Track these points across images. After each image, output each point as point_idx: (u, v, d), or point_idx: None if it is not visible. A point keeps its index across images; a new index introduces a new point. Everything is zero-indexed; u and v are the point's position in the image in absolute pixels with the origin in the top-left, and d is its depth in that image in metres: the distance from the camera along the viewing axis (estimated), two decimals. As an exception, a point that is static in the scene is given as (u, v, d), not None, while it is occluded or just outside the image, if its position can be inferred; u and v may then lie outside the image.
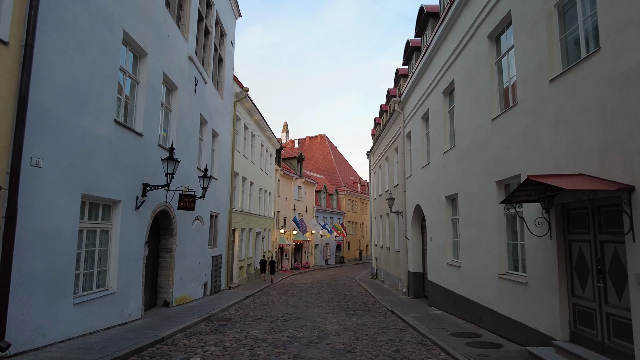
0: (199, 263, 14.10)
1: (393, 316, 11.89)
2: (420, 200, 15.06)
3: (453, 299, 11.30)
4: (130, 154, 8.80)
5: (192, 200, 10.89)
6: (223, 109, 17.60)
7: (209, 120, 15.31)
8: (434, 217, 13.36)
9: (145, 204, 9.52)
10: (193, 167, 13.31)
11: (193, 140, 13.31)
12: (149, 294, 10.80)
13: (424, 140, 14.98)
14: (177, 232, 11.83)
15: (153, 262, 11.17)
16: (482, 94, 9.30)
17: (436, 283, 12.98)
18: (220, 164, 17.10)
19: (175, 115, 11.72)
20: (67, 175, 6.55)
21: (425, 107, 14.37)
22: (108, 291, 8.02)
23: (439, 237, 12.75)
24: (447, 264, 11.91)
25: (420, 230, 16.39)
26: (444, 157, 12.07)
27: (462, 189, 10.52)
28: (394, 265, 20.32)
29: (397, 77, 20.62)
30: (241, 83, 20.01)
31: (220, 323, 9.87)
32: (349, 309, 12.87)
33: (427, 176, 14.08)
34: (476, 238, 9.58)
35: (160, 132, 10.88)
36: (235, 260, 20.20)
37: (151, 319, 9.61)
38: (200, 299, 14.17)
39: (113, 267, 8.26)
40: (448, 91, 12.19)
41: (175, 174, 10.10)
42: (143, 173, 9.42)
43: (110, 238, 8.28)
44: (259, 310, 12.35)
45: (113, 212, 8.38)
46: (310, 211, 40.81)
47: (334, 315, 11.38)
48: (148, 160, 9.68)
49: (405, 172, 17.58)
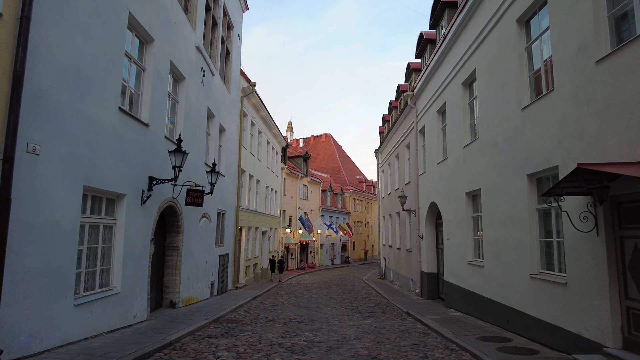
0: (205, 262, 13.56)
1: (410, 318, 11.31)
2: (435, 198, 14.47)
3: (474, 301, 10.71)
4: (136, 145, 8.26)
5: (200, 195, 10.33)
6: (230, 103, 17.07)
7: (216, 115, 14.77)
8: (451, 214, 12.77)
9: (151, 198, 8.97)
10: (200, 162, 12.77)
11: (200, 134, 12.77)
12: (154, 294, 10.26)
13: (440, 135, 14.39)
14: (184, 229, 11.29)
15: (159, 260, 10.63)
16: (510, 82, 8.71)
17: (454, 284, 12.38)
18: (228, 160, 16.56)
19: (183, 107, 11.18)
20: (67, 164, 6.00)
21: (441, 100, 13.78)
22: (112, 291, 7.47)
23: (458, 235, 12.15)
24: (467, 264, 11.31)
25: (434, 229, 15.79)
26: (464, 152, 11.48)
27: (486, 184, 9.93)
28: (404, 266, 19.72)
29: (409, 72, 20.03)
30: (248, 77, 19.47)
31: (231, 325, 9.31)
32: (363, 311, 12.29)
33: (443, 172, 13.49)
34: (503, 236, 8.98)
35: (167, 123, 10.34)
36: (241, 260, 19.65)
37: (157, 320, 9.07)
38: (207, 299, 13.63)
39: (117, 266, 7.71)
40: (468, 82, 11.60)
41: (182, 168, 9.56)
42: (149, 166, 8.88)
43: (114, 234, 7.74)
44: (270, 311, 11.78)
45: (117, 206, 7.83)
46: (315, 210, 40.24)
47: (349, 318, 10.80)
48: (154, 153, 9.14)
49: (418, 169, 16.98)
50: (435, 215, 15.53)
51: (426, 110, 15.75)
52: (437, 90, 14.09)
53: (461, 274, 11.82)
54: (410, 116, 18.22)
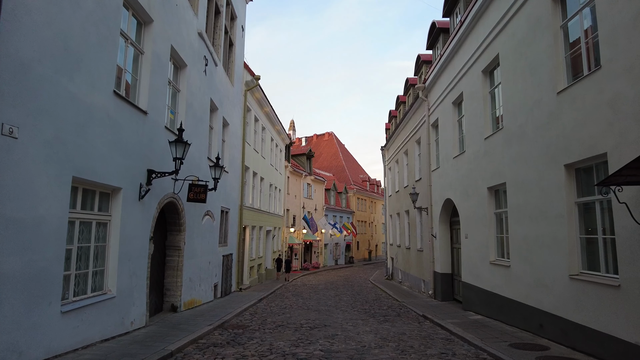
0: (209, 262, 12.81)
1: (428, 322, 10.55)
2: (451, 194, 13.69)
3: (498, 303, 9.94)
4: (133, 134, 7.51)
5: (204, 191, 9.58)
6: (233, 97, 16.32)
7: (220, 107, 14.03)
8: (470, 211, 11.99)
9: (150, 193, 8.23)
10: (203, 156, 12.02)
11: (203, 127, 12.02)
12: (154, 298, 9.52)
13: (456, 127, 13.62)
14: (186, 227, 10.54)
15: (159, 261, 9.89)
16: (542, 65, 7.95)
17: (474, 285, 11.61)
18: (231, 156, 15.81)
19: (184, 97, 10.44)
20: (52, 150, 5.25)
21: (457, 90, 13.02)
22: (106, 295, 6.72)
23: (478, 233, 11.38)
24: (489, 264, 10.54)
25: (448, 227, 15.02)
26: (486, 143, 10.71)
27: (513, 177, 9.16)
28: (415, 266, 18.95)
29: (419, 65, 19.26)
30: (252, 71, 18.73)
31: (237, 332, 8.56)
32: (376, 314, 11.52)
33: (460, 166, 12.72)
34: (534, 233, 8.22)
35: (167, 113, 9.60)
36: (245, 260, 18.89)
37: (157, 327, 8.32)
38: (211, 302, 12.88)
39: (112, 267, 6.96)
40: (489, 69, 10.84)
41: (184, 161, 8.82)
42: (148, 157, 8.13)
43: (109, 232, 6.99)
44: (277, 315, 11.02)
45: (112, 201, 7.08)
46: (319, 210, 39.47)
47: (364, 322, 10.03)
48: (153, 143, 8.40)
49: (430, 164, 16.20)
50: (450, 213, 14.77)
51: (439, 103, 14.99)
52: (453, 81, 13.33)
53: (482, 274, 11.05)
54: (421, 110, 17.45)
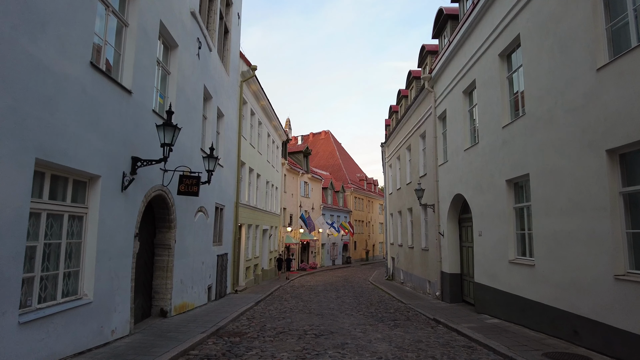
0: (202, 263, 11.85)
1: (442, 327, 9.68)
2: (461, 189, 12.84)
3: (519, 306, 9.09)
4: (115, 115, 6.56)
5: (196, 183, 8.64)
6: (229, 87, 15.37)
7: (214, 96, 13.08)
8: (484, 207, 11.14)
9: (135, 184, 7.27)
10: (196, 147, 11.07)
11: (196, 115, 11.07)
12: (141, 302, 8.56)
13: (466, 118, 12.78)
14: (176, 224, 9.59)
15: (147, 261, 8.93)
16: (576, 40, 7.10)
17: (489, 286, 10.75)
18: (226, 150, 14.86)
19: (175, 80, 9.49)
20: (7, 124, 4.30)
21: (469, 78, 12.17)
22: (81, 301, 5.76)
23: (494, 230, 10.52)
24: (508, 263, 9.69)
25: (457, 225, 14.17)
26: (504, 133, 9.86)
27: (539, 167, 8.31)
28: (419, 266, 18.09)
29: (423, 56, 18.38)
30: (248, 60, 17.78)
31: (233, 340, 7.62)
32: (385, 318, 10.62)
33: (473, 159, 11.87)
34: (566, 228, 7.36)
35: (156, 97, 8.65)
36: (241, 260, 17.94)
37: (143, 335, 7.36)
38: (204, 305, 11.92)
39: (89, 268, 6.00)
40: (507, 52, 10.00)
41: (174, 150, 7.88)
42: (132, 144, 7.18)
43: (86, 227, 6.03)
44: (277, 319, 10.09)
45: (90, 191, 6.13)
46: (317, 209, 38.55)
47: (373, 328, 9.13)
48: (139, 128, 7.44)
49: (437, 159, 15.35)
50: (459, 210, 13.92)
51: (447, 93, 14.14)
52: (463, 68, 12.49)
53: (499, 274, 10.20)
54: (427, 102, 16.60)
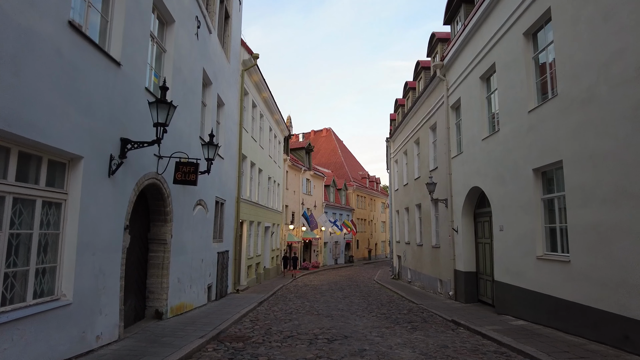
0: (201, 260, 11.01)
1: (463, 330, 8.85)
2: (478, 181, 12.00)
3: (551, 307, 8.25)
4: (101, 87, 5.71)
5: (194, 170, 7.79)
6: (229, 75, 14.53)
7: (214, 82, 12.24)
8: (506, 199, 10.30)
9: (125, 170, 6.43)
10: (194, 134, 10.22)
11: (194, 99, 10.22)
12: (133, 302, 7.71)
13: (484, 105, 11.94)
14: (173, 217, 8.75)
15: (140, 257, 8.09)
16: (625, 4, 6.28)
17: (512, 284, 9.92)
18: (227, 141, 14.02)
19: (171, 58, 8.64)
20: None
21: (487, 62, 11.33)
22: (57, 302, 4.90)
23: (518, 224, 9.69)
24: (536, 259, 8.85)
25: (472, 220, 13.33)
26: (531, 117, 9.02)
27: (575, 152, 7.47)
28: (429, 264, 17.25)
29: (432, 45, 17.52)
30: (250, 49, 16.94)
31: (236, 346, 6.77)
32: (399, 320, 9.78)
33: (492, 149, 11.03)
34: (612, 219, 6.52)
35: (150, 75, 7.80)
36: (243, 258, 17.10)
37: (134, 341, 6.52)
38: (204, 306, 11.08)
39: (68, 263, 5.15)
40: (533, 30, 9.18)
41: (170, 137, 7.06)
42: (122, 123, 6.33)
43: (65, 216, 5.18)
44: (284, 322, 9.24)
45: (70, 174, 5.28)
46: (319, 206, 37.69)
47: (391, 331, 8.28)
48: (130, 106, 6.59)
49: (450, 150, 14.51)
50: (475, 204, 13.10)
51: (462, 80, 13.30)
52: (481, 52, 11.65)
53: (525, 272, 9.36)
54: (438, 91, 15.76)
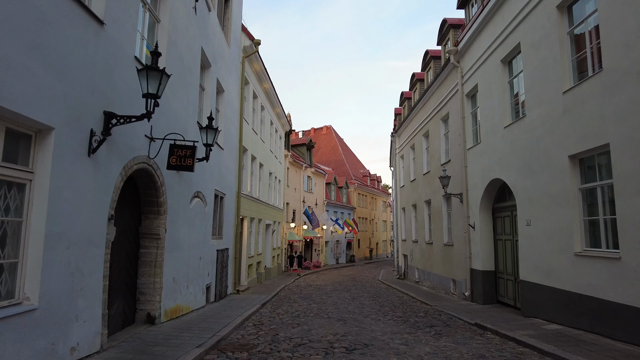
0: (199, 258, 10.04)
1: (491, 334, 7.92)
2: (499, 173, 11.07)
3: (594, 309, 7.32)
4: (78, 47, 4.74)
5: (190, 155, 6.82)
6: (229, 60, 13.56)
7: (213, 65, 11.27)
8: (535, 191, 9.37)
9: (109, 150, 5.46)
10: (191, 119, 9.26)
11: (191, 80, 9.26)
12: (121, 306, 6.74)
13: (506, 90, 11.01)
14: (167, 209, 7.78)
15: (129, 254, 7.12)
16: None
17: (543, 284, 8.98)
18: (227, 131, 13.05)
19: (166, 31, 7.66)
20: None
21: (510, 43, 10.41)
22: (18, 308, 3.91)
23: (549, 218, 8.75)
24: (574, 256, 7.91)
25: (491, 215, 12.41)
26: (566, 98, 8.09)
27: (625, 133, 6.53)
28: (440, 263, 16.31)
29: (444, 31, 16.59)
30: (251, 34, 15.97)
31: (239, 357, 5.80)
32: (419, 324, 8.83)
33: (517, 136, 10.10)
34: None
35: (141, 44, 6.82)
36: (244, 257, 16.13)
37: (119, 351, 5.54)
38: (202, 308, 10.11)
39: (33, 259, 4.16)
40: (568, 3, 8.26)
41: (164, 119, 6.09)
42: (105, 94, 5.36)
43: (30, 200, 4.20)
44: (291, 327, 8.27)
45: (37, 149, 4.30)
46: (320, 205, 36.72)
47: (414, 338, 7.32)
48: (116, 76, 5.62)
49: (465, 142, 13.57)
50: (494, 198, 12.17)
51: (479, 66, 12.37)
52: (502, 33, 10.72)
53: (559, 270, 8.43)
54: (451, 79, 14.82)
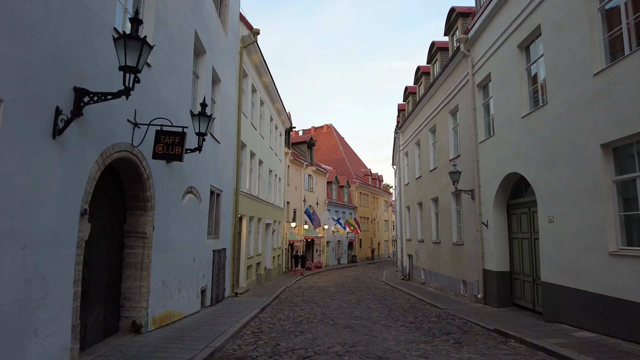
0: (193, 259, 9.24)
1: (516, 343, 7.14)
2: (517, 166, 10.28)
3: (632, 316, 6.53)
4: (37, 7, 3.95)
5: (179, 142, 6.01)
6: (226, 49, 12.77)
7: (209, 52, 10.49)
8: (558, 184, 8.58)
9: (81, 132, 4.67)
10: (183, 107, 8.47)
11: (184, 64, 8.47)
12: (101, 313, 5.94)
13: (523, 78, 10.24)
14: (155, 205, 6.98)
15: (112, 255, 6.32)
16: None
17: (570, 287, 8.18)
18: (223, 123, 12.27)
19: (153, 5, 6.87)
20: None
21: (528, 26, 9.64)
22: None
23: (577, 213, 7.96)
24: (608, 256, 7.12)
25: (505, 213, 11.63)
26: (598, 81, 7.31)
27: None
28: (448, 264, 15.52)
29: (452, 20, 15.79)
30: (250, 24, 15.18)
31: (235, 372, 5.04)
32: (434, 331, 8.02)
33: (538, 126, 9.32)
34: None
35: (124, 17, 6.03)
36: (242, 258, 15.32)
37: (95, 367, 4.76)
38: (196, 313, 9.31)
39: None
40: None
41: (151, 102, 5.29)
42: (77, 67, 4.57)
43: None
44: (294, 335, 7.46)
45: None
46: (321, 204, 35.91)
47: (432, 348, 6.52)
48: (89, 47, 4.83)
49: (477, 134, 12.78)
50: (509, 194, 11.39)
51: (493, 52, 11.58)
52: (519, 16, 9.96)
53: (589, 271, 7.63)
54: (461, 70, 14.04)
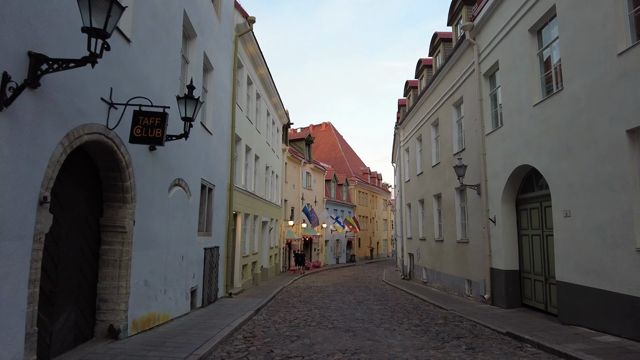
0: (181, 257, 8.56)
1: (533, 348, 6.50)
2: (528, 158, 9.64)
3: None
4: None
5: (160, 123, 5.31)
6: (220, 36, 12.08)
7: (199, 36, 9.81)
8: (575, 175, 7.94)
9: (40, 107, 3.99)
10: (169, 90, 7.77)
11: (170, 43, 7.78)
12: (72, 317, 5.26)
13: (535, 63, 9.60)
14: (136, 196, 6.30)
15: (85, 251, 5.63)
16: None
17: (591, 287, 7.53)
18: (216, 113, 11.59)
19: (132, -25, 6.20)
20: None
21: (541, 8, 9.00)
22: None
23: (597, 206, 7.32)
24: (635, 252, 6.48)
25: (514, 208, 10.98)
26: (622, 62, 6.68)
27: None
28: (452, 263, 14.88)
29: (455, 9, 15.14)
30: (245, 12, 14.50)
31: (220, 386, 4.36)
32: (443, 334, 7.36)
33: (551, 114, 8.67)
34: None
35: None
36: (237, 256, 14.64)
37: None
38: (185, 315, 8.63)
39: None
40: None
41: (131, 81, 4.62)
42: (33, 30, 3.89)
43: None
44: (289, 340, 6.78)
45: None
46: (320, 202, 35.24)
47: (442, 353, 5.85)
48: (47, 6, 4.15)
49: (483, 126, 12.13)
50: (518, 188, 10.75)
51: (501, 39, 10.93)
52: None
53: (612, 269, 6.98)
54: (466, 59, 13.38)
